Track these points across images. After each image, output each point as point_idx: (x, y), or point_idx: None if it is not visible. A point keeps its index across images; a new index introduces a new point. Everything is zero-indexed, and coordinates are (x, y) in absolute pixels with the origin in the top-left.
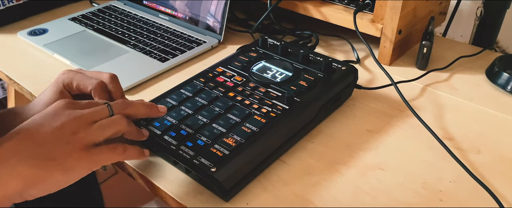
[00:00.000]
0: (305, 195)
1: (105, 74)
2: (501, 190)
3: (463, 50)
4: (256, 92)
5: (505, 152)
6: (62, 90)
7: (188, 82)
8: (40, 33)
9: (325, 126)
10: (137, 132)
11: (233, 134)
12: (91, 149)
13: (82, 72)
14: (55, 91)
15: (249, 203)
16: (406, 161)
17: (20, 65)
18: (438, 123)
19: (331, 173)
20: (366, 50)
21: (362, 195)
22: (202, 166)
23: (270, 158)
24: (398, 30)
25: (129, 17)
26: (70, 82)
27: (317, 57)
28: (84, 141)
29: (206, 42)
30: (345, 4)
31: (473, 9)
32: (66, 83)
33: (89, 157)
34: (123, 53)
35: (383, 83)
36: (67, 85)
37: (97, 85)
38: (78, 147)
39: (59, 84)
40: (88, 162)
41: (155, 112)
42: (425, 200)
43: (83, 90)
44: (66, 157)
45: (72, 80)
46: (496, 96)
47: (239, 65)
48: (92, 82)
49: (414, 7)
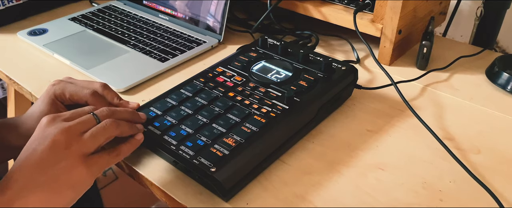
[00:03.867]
0: (305, 195)
1: (96, 84)
2: (501, 190)
3: (463, 50)
4: (256, 92)
5: (505, 152)
6: (54, 100)
7: (188, 82)
8: (40, 33)
9: (325, 126)
10: (130, 128)
11: (233, 134)
12: (89, 158)
13: (72, 82)
14: (47, 102)
15: (249, 203)
16: (406, 161)
17: (20, 65)
18: (438, 123)
19: (331, 173)
20: (366, 50)
21: (362, 195)
22: (202, 166)
23: (270, 158)
24: (398, 30)
25: (129, 17)
26: (62, 93)
27: (317, 57)
28: (79, 152)
29: (206, 42)
30: (345, 4)
31: (473, 9)
32: (58, 93)
33: (88, 167)
34: (123, 53)
35: (383, 83)
36: (59, 95)
37: (93, 95)
38: (76, 160)
39: (51, 95)
40: (90, 172)
41: (137, 118)
42: (425, 200)
43: (77, 100)
44: (68, 173)
45: (64, 90)
46: (496, 96)
47: (239, 65)
48: (86, 92)
49: (414, 7)
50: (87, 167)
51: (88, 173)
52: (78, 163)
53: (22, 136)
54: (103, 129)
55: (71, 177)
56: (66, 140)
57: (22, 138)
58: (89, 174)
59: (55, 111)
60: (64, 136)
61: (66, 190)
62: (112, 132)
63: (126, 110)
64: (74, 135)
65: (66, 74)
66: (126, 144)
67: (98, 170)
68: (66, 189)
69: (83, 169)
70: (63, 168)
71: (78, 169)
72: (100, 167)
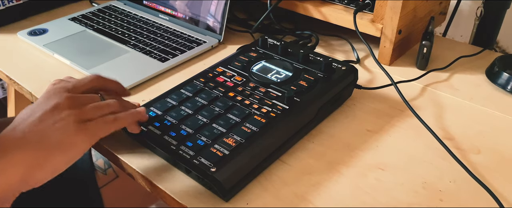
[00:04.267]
0: (305, 195)
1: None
2: (501, 190)
3: (463, 50)
4: (256, 92)
5: (505, 152)
6: None
7: (188, 82)
8: (40, 33)
9: (325, 126)
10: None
11: (233, 134)
12: (86, 124)
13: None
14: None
15: (249, 203)
16: (406, 161)
17: (20, 65)
18: (438, 123)
19: (331, 173)
20: (366, 50)
21: (362, 195)
22: (202, 166)
23: (270, 158)
24: (398, 30)
25: (129, 17)
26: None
27: (317, 57)
28: (79, 116)
29: (206, 42)
30: (345, 4)
31: (473, 9)
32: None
33: (85, 131)
34: (123, 53)
35: (383, 83)
36: None
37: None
38: (73, 123)
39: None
40: (85, 137)
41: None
42: (425, 200)
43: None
44: (61, 134)
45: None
46: (496, 96)
47: (239, 65)
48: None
49: (414, 7)
50: (83, 132)
51: (84, 138)
52: (73, 126)
53: None
54: (106, 104)
55: (64, 138)
56: (69, 104)
57: None
58: (84, 139)
59: None
60: (68, 102)
61: (55, 151)
62: (115, 109)
63: (130, 102)
64: (77, 104)
65: (66, 74)
66: (126, 113)
67: (94, 136)
68: (56, 150)
69: (79, 133)
70: (57, 129)
71: (74, 132)
72: (96, 133)
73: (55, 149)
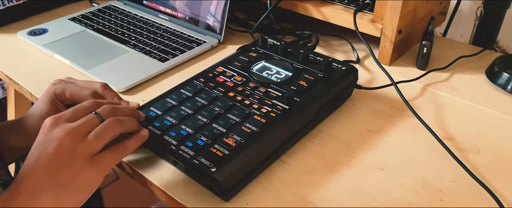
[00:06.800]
0: (305, 195)
1: (96, 84)
2: (501, 190)
3: (463, 50)
4: (256, 92)
5: (505, 152)
6: (54, 99)
7: (188, 82)
8: (40, 33)
9: (325, 126)
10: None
11: (233, 134)
12: (95, 158)
13: (72, 82)
14: (47, 101)
15: (249, 203)
16: (406, 161)
17: (20, 65)
18: (438, 123)
19: (331, 173)
20: (366, 50)
21: (362, 195)
22: (202, 166)
23: (270, 158)
24: (398, 30)
25: (129, 17)
26: (62, 93)
27: (317, 57)
28: (85, 154)
29: (206, 42)
30: (345, 4)
31: (473, 9)
32: (59, 93)
33: (96, 167)
34: (123, 53)
35: (383, 83)
36: (60, 95)
37: (93, 95)
38: (82, 162)
39: (51, 94)
40: (97, 172)
41: (138, 116)
42: (425, 200)
43: (77, 100)
44: (75, 176)
45: (65, 90)
46: (496, 96)
47: (239, 65)
48: (86, 93)
49: (414, 7)
50: (94, 168)
51: (95, 173)
52: (85, 165)
53: (23, 136)
54: (106, 128)
55: (79, 180)
56: (71, 143)
57: (24, 138)
58: (97, 175)
59: (55, 110)
60: (69, 139)
61: (75, 192)
62: (115, 131)
63: (127, 107)
64: (79, 137)
65: (66, 74)
66: (131, 140)
67: (105, 169)
68: (75, 192)
69: (90, 170)
70: (70, 172)
71: (85, 171)
72: (107, 166)
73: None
